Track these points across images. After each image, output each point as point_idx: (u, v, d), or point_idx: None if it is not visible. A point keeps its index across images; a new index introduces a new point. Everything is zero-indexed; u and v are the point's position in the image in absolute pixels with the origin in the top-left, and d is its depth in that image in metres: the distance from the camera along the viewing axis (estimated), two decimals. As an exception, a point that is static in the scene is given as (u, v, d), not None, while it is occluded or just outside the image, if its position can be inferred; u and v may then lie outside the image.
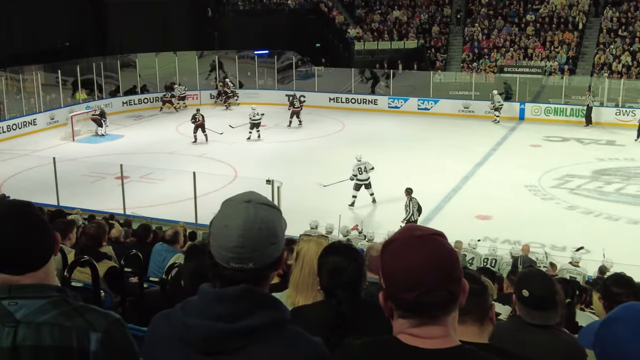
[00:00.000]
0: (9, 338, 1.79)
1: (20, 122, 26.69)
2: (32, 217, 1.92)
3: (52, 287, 1.88)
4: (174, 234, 7.90)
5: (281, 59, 34.76)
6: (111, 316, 1.87)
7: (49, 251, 1.93)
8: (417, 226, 1.70)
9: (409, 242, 1.62)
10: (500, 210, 17.09)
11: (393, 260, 1.61)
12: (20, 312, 1.82)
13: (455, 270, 1.61)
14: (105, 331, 1.81)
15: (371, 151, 22.92)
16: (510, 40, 34.40)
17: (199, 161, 21.48)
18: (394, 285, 1.61)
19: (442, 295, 1.58)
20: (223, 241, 1.67)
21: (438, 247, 1.62)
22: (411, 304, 1.59)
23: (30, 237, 1.88)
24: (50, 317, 1.81)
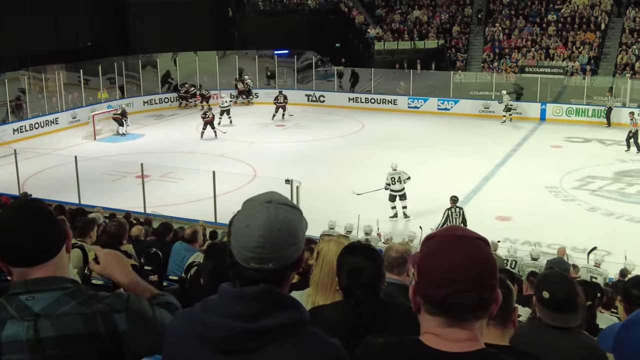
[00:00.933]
0: (30, 331, 1.82)
1: (43, 121, 26.98)
2: (37, 211, 1.97)
3: (66, 279, 1.94)
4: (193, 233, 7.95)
5: (301, 58, 34.81)
6: (124, 295, 1.98)
7: (58, 244, 1.98)
8: (461, 227, 1.69)
9: (448, 240, 1.61)
10: (520, 211, 16.97)
11: (429, 255, 1.61)
12: (38, 305, 1.86)
13: (490, 277, 1.59)
14: (126, 309, 1.92)
15: (391, 151, 22.91)
16: (532, 40, 34.15)
17: (218, 160, 21.56)
18: (426, 280, 1.60)
19: (472, 298, 1.56)
20: (244, 241, 1.68)
21: (476, 250, 1.60)
22: (440, 302, 1.58)
23: (36, 230, 1.92)
24: (70, 308, 1.86)
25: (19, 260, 1.91)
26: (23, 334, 1.82)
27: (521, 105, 28.96)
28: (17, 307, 1.86)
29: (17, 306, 1.86)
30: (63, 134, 26.56)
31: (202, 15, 35.46)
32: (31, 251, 1.91)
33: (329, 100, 32.28)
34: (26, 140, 25.13)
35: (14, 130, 25.59)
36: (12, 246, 1.90)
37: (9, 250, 1.91)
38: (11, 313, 1.85)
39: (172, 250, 7.68)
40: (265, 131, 27.03)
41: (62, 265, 1.98)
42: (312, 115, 29.88)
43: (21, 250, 1.90)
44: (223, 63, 34.13)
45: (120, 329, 1.89)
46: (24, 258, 1.91)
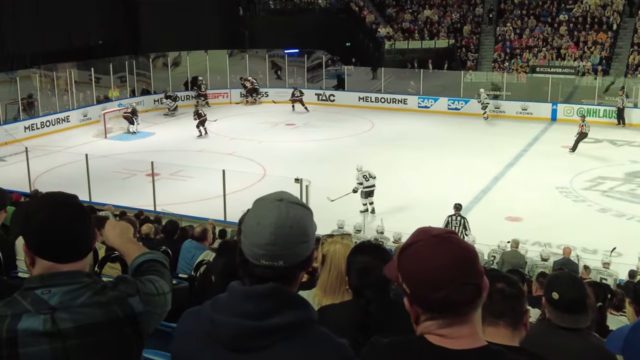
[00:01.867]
0: (47, 324, 1.84)
1: (54, 119, 27.12)
2: (80, 209, 2.04)
3: (82, 273, 1.98)
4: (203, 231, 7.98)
5: (311, 58, 34.83)
6: (130, 278, 2.06)
7: (91, 243, 2.06)
8: (430, 227, 1.71)
9: (430, 242, 1.62)
10: (530, 211, 16.91)
11: (417, 262, 1.61)
12: (55, 298, 1.88)
13: (477, 264, 1.63)
14: (138, 291, 1.99)
15: (400, 151, 22.92)
16: (543, 40, 34.00)
17: (228, 159, 21.60)
18: (422, 287, 1.60)
19: (470, 290, 1.59)
20: (255, 238, 1.69)
21: (458, 244, 1.62)
22: (441, 303, 1.58)
23: (78, 228, 1.99)
24: (86, 299, 1.90)
25: (56, 255, 1.95)
26: (40, 326, 1.84)
27: (532, 106, 28.86)
28: (32, 302, 1.88)
29: (33, 300, 1.88)
30: (74, 132, 26.68)
31: (212, 14, 35.51)
32: (71, 248, 1.97)
33: (339, 100, 32.27)
34: (37, 138, 25.27)
35: (25, 128, 25.74)
36: (56, 239, 1.95)
37: (52, 243, 1.95)
38: (26, 307, 1.87)
39: (181, 249, 7.71)
40: (275, 130, 27.06)
41: (85, 264, 2.06)
42: (322, 115, 29.88)
43: (63, 245, 1.95)
44: (233, 62, 34.19)
45: (136, 311, 1.96)
46: (62, 254, 1.96)
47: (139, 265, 2.26)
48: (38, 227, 1.95)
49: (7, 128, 24.77)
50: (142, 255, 2.31)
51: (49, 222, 1.94)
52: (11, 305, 1.89)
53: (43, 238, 1.94)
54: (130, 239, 2.44)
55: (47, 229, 1.94)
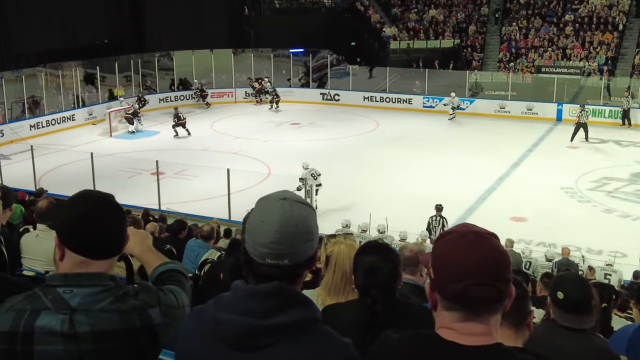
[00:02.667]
0: (65, 324, 1.84)
1: (59, 117, 27.18)
2: (116, 209, 2.04)
3: (106, 276, 1.96)
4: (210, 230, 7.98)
5: (316, 57, 34.83)
6: (152, 287, 2.05)
7: (123, 244, 2.05)
8: (474, 225, 1.73)
9: (464, 235, 1.66)
10: (535, 212, 16.87)
11: (447, 250, 1.65)
12: (75, 299, 1.88)
13: (505, 271, 1.64)
14: (159, 302, 1.98)
15: (405, 151, 22.90)
16: (549, 40, 33.93)
17: (232, 158, 21.61)
18: (444, 275, 1.63)
19: (490, 290, 1.61)
20: (259, 237, 1.69)
21: (492, 245, 1.65)
22: (459, 295, 1.61)
23: (111, 226, 2.00)
24: (106, 304, 1.89)
25: (87, 250, 1.95)
26: (57, 326, 1.84)
27: (537, 106, 28.81)
28: (53, 299, 1.88)
29: (54, 298, 1.88)
30: (79, 131, 26.74)
31: (218, 13, 35.56)
32: (103, 245, 1.97)
33: (343, 99, 32.26)
34: (43, 136, 25.33)
35: (31, 127, 25.81)
36: (89, 234, 1.95)
37: (85, 237, 1.95)
38: (46, 304, 1.87)
39: (186, 247, 7.71)
40: (280, 130, 27.07)
41: (113, 265, 2.05)
42: (327, 114, 29.88)
43: (95, 241, 1.96)
44: (238, 61, 34.22)
45: (155, 322, 1.95)
46: (93, 250, 1.96)
47: (160, 274, 2.27)
48: (72, 220, 1.96)
49: (12, 126, 24.83)
50: (163, 264, 2.31)
51: (83, 216, 1.95)
52: (31, 300, 1.90)
53: (76, 232, 1.95)
54: (150, 247, 2.45)
55: (81, 223, 1.95)
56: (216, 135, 25.97)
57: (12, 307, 1.90)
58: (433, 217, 14.90)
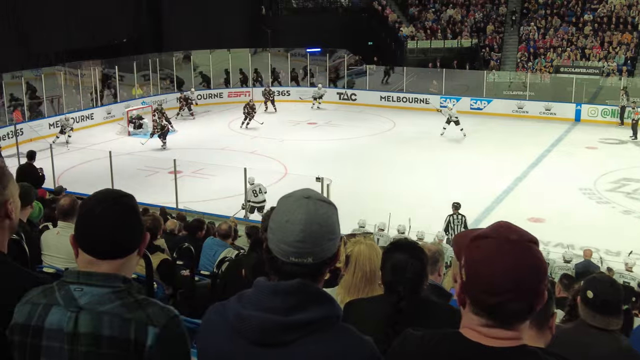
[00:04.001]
0: (71, 323, 1.85)
1: (78, 116, 27.39)
2: (128, 208, 1.99)
3: (119, 277, 1.92)
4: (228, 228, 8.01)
5: (333, 57, 34.82)
6: (171, 312, 1.90)
7: (134, 245, 1.99)
8: (513, 227, 1.61)
9: (501, 245, 1.54)
10: (553, 213, 16.77)
11: (481, 258, 1.55)
12: (84, 298, 1.87)
13: (541, 284, 1.55)
14: (163, 326, 1.84)
15: (421, 151, 22.85)
16: (567, 40, 33.68)
17: (250, 157, 21.68)
18: (476, 284, 1.55)
19: (523, 306, 1.54)
20: (284, 236, 1.69)
21: (531, 257, 1.55)
22: (489, 307, 1.54)
23: (121, 226, 1.94)
24: (111, 307, 1.85)
25: (93, 249, 1.93)
26: (64, 325, 1.85)
27: (555, 106, 28.63)
28: (64, 296, 1.88)
29: (65, 294, 1.89)
30: (98, 129, 26.93)
31: (235, 13, 35.66)
32: (111, 245, 1.93)
33: (360, 99, 32.25)
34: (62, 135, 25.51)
35: (50, 125, 26.03)
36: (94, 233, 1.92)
37: (90, 236, 1.93)
38: (58, 300, 1.88)
39: (203, 245, 7.74)
40: (297, 129, 27.10)
41: (128, 266, 1.99)
42: (343, 114, 29.89)
43: (101, 241, 1.92)
44: (256, 61, 34.30)
45: (147, 343, 1.83)
46: (100, 249, 1.93)
47: None
48: (81, 219, 1.96)
49: (32, 125, 25.06)
50: None
51: (91, 216, 1.93)
52: (46, 295, 1.91)
53: (85, 231, 1.94)
54: None
55: (87, 222, 1.94)
56: (233, 134, 26.06)
57: (30, 299, 1.92)
58: (452, 215, 14.79)
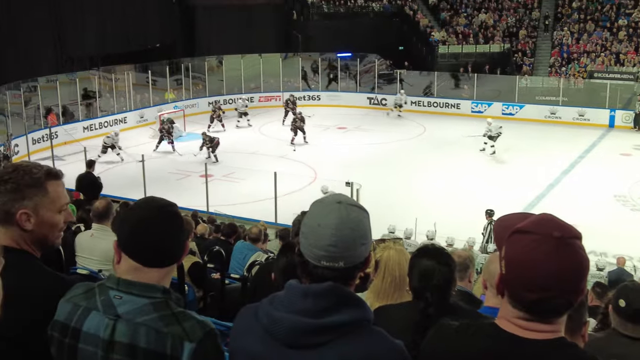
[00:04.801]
0: (108, 330, 1.88)
1: (112, 119, 27.78)
2: (174, 218, 2.01)
3: (158, 288, 1.94)
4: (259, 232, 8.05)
5: (364, 61, 34.81)
6: (207, 326, 1.90)
7: (180, 253, 2.02)
8: (556, 221, 1.57)
9: (545, 241, 1.51)
10: (586, 220, 16.37)
11: (523, 253, 1.52)
12: (123, 307, 1.89)
13: (582, 281, 1.53)
14: (199, 342, 1.85)
15: (452, 156, 22.70)
16: (601, 45, 33.23)
17: (279, 162, 21.77)
18: (516, 279, 1.54)
19: (562, 303, 1.53)
20: (315, 240, 1.71)
21: (574, 254, 1.52)
22: (529, 303, 1.53)
23: (167, 235, 1.97)
24: (149, 319, 1.87)
25: (141, 256, 1.95)
26: (101, 331, 1.88)
27: (589, 112, 28.26)
28: (104, 301, 1.92)
29: (104, 300, 1.92)
30: (131, 133, 27.25)
31: (267, 18, 35.87)
32: (157, 253, 1.95)
33: (390, 103, 32.17)
34: (95, 138, 25.87)
35: (84, 128, 26.45)
36: (144, 241, 1.94)
37: (140, 244, 1.95)
38: (97, 305, 1.92)
39: (234, 249, 7.78)
40: (326, 133, 27.13)
41: (171, 274, 2.02)
42: (373, 119, 29.85)
43: (149, 248, 1.94)
44: (286, 65, 34.45)
45: (183, 358, 1.84)
46: (147, 257, 1.95)
47: None
48: (131, 226, 1.97)
49: (66, 128, 25.47)
50: None
51: (142, 223, 1.95)
52: (88, 298, 1.95)
53: (133, 238, 1.95)
54: None
55: (139, 229, 1.95)
56: (264, 138, 26.18)
57: (72, 298, 1.97)
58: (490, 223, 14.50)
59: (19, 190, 2.09)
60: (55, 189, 2.17)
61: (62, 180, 2.23)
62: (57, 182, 2.19)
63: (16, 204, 2.09)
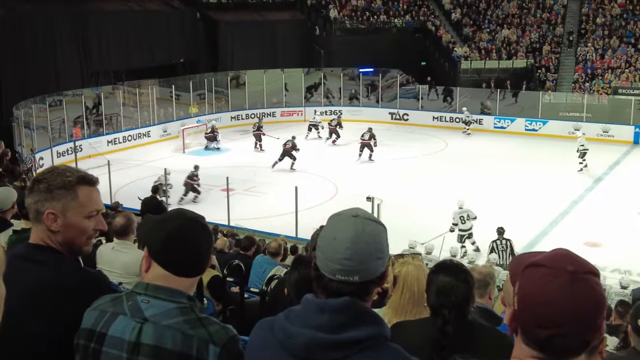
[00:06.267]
0: (134, 333, 1.91)
1: (135, 133, 28.06)
2: (204, 230, 2.07)
3: (184, 294, 1.99)
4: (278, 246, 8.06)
5: (386, 77, 34.85)
6: (230, 331, 1.95)
7: (207, 264, 2.08)
8: (571, 256, 1.51)
9: (557, 277, 1.44)
10: (610, 237, 16.32)
11: (535, 288, 1.46)
12: (150, 310, 1.94)
13: (598, 319, 1.45)
14: (224, 346, 1.90)
15: (474, 172, 22.56)
16: (626, 61, 32.94)
17: (301, 176, 21.79)
18: (528, 315, 1.47)
19: (577, 342, 1.45)
20: (331, 253, 1.70)
21: (589, 290, 1.44)
22: (541, 341, 1.46)
23: (197, 247, 2.03)
24: (175, 322, 1.91)
25: (171, 265, 2.00)
26: (127, 334, 1.92)
27: (613, 128, 27.99)
28: (131, 306, 1.96)
29: (132, 305, 1.96)
30: (154, 147, 27.49)
31: (289, 33, 36.08)
32: (186, 263, 2.01)
33: (412, 119, 32.15)
34: (120, 152, 26.16)
35: (108, 142, 26.74)
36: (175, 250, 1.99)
37: (171, 253, 1.99)
38: (125, 309, 1.96)
39: (253, 263, 7.80)
40: (347, 148, 27.12)
41: (194, 284, 2.08)
42: (395, 134, 29.81)
43: (180, 258, 2.00)
44: (309, 80, 34.57)
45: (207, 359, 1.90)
46: (177, 266, 2.00)
47: None
48: (165, 236, 2.01)
49: (91, 142, 25.76)
50: None
51: (176, 234, 2.00)
52: (115, 303, 1.99)
53: (167, 248, 2.00)
54: None
55: (173, 240, 2.00)
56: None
57: (99, 306, 2.01)
58: (496, 240, 14.38)
59: (49, 191, 2.16)
60: (86, 193, 2.22)
61: (96, 187, 2.29)
62: (89, 188, 2.25)
63: (46, 204, 2.16)
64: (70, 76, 27.35)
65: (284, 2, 37.49)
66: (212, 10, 34.55)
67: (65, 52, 27.24)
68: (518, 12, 38.01)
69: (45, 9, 26.36)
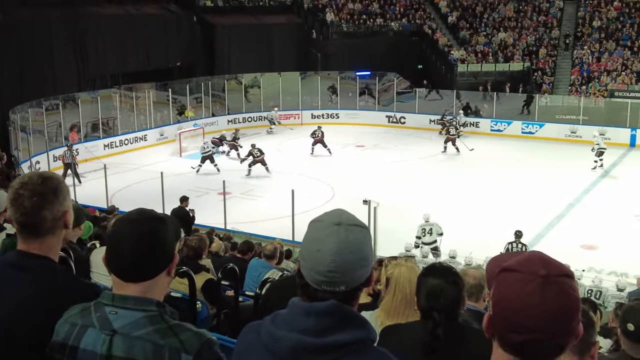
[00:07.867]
0: (105, 346, 1.88)
1: (132, 137, 28.03)
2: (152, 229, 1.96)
3: (152, 302, 1.92)
4: (274, 249, 8.04)
5: (382, 80, 34.89)
6: (204, 336, 1.90)
7: (157, 267, 1.97)
8: (544, 259, 1.48)
9: (530, 280, 1.43)
10: (607, 240, 16.34)
11: (508, 294, 1.45)
12: (119, 322, 1.89)
13: (573, 322, 1.43)
14: (197, 353, 1.85)
15: (472, 174, 22.59)
16: (622, 63, 33.01)
17: (297, 179, 21.79)
18: (502, 320, 1.46)
19: (552, 346, 1.43)
20: (314, 265, 1.67)
21: (562, 294, 1.43)
22: (515, 345, 1.45)
23: (143, 248, 1.93)
24: (145, 333, 1.87)
25: (116, 271, 1.95)
26: (99, 347, 1.88)
27: (610, 131, 28.02)
28: (99, 318, 1.92)
29: (100, 317, 1.92)
30: (151, 150, 27.46)
31: (286, 37, 36.11)
32: (132, 267, 1.93)
33: (409, 122, 32.16)
34: (116, 155, 26.12)
35: (105, 146, 26.71)
36: (118, 255, 1.94)
37: (114, 258, 1.94)
38: (94, 322, 1.92)
39: (249, 266, 7.79)
40: (345, 151, 27.15)
41: (158, 288, 1.97)
42: (392, 137, 29.83)
43: (123, 262, 1.93)
44: (305, 84, 34.59)
45: None
46: (122, 271, 1.94)
47: None
48: (108, 240, 2.01)
49: (87, 145, 25.74)
50: None
51: (114, 237, 1.96)
52: (84, 315, 1.95)
53: (108, 253, 1.96)
54: None
55: (111, 244, 1.96)
56: (282, 156, 26.24)
57: (69, 318, 1.97)
58: (512, 243, 14.38)
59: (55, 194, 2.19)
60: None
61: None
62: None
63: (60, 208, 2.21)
64: (67, 80, 27.30)
65: (281, 5, 37.54)
66: (209, 14, 34.56)
67: (62, 56, 27.19)
68: (514, 15, 38.09)
69: (42, 13, 26.35)
